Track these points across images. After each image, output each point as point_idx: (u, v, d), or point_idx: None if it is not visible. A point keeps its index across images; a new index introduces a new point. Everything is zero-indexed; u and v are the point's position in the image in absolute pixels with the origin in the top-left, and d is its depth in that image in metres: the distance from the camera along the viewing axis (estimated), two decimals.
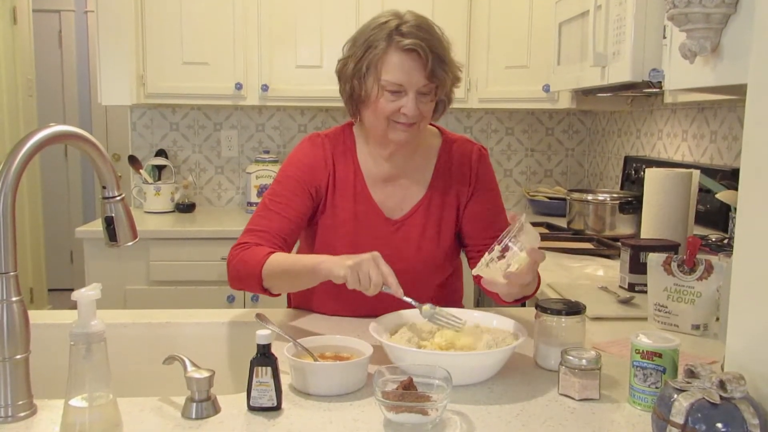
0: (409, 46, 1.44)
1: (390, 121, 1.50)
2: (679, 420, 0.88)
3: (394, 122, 1.50)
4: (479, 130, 3.74)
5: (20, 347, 1.07)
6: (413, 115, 1.48)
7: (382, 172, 1.61)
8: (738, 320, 0.99)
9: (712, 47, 1.17)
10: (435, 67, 1.46)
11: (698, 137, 2.61)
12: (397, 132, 1.51)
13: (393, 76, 1.46)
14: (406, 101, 1.47)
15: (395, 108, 1.48)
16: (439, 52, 1.47)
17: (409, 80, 1.46)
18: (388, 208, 1.61)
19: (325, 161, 1.60)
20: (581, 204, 2.77)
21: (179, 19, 3.18)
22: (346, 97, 1.57)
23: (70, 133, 1.12)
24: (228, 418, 1.06)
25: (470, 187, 1.63)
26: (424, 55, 1.44)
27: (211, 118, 3.63)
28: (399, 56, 1.45)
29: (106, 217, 1.18)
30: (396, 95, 1.47)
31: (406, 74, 1.46)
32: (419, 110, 1.48)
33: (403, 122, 1.49)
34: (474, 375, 1.20)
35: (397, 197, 1.62)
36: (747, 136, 0.97)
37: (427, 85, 1.47)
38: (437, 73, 1.47)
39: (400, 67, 1.46)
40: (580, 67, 2.32)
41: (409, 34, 1.45)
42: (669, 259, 1.54)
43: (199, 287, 2.97)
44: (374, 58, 1.47)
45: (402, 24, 1.47)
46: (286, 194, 1.57)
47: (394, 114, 1.49)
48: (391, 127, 1.51)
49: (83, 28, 5.57)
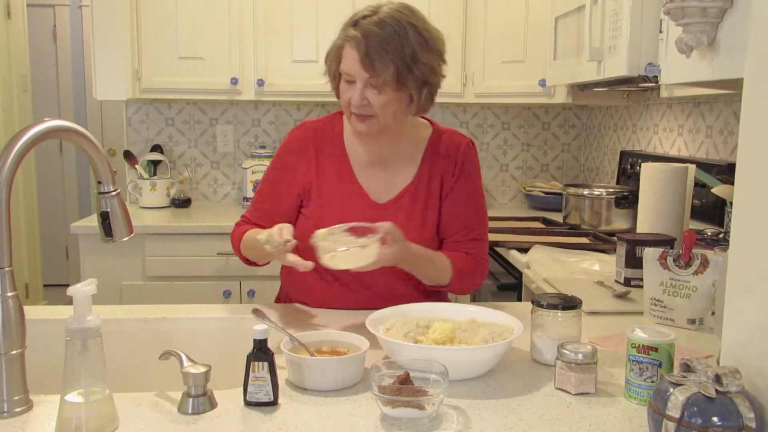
0: (350, 38, 1.50)
1: (350, 113, 1.56)
2: (675, 414, 0.88)
3: (352, 114, 1.56)
4: (475, 125, 3.74)
5: (16, 343, 1.07)
6: (357, 105, 1.52)
7: (368, 156, 1.66)
8: (733, 314, 0.99)
9: (708, 41, 1.17)
10: (372, 58, 1.48)
11: (694, 132, 2.61)
12: (355, 122, 1.57)
13: (344, 66, 1.53)
14: (354, 91, 1.52)
15: (348, 97, 1.54)
16: (383, 45, 1.48)
17: (354, 70, 1.51)
18: (374, 192, 1.65)
19: (310, 148, 1.66)
20: (577, 199, 2.77)
21: (174, 14, 3.16)
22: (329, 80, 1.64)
23: (66, 128, 1.12)
24: (224, 413, 1.06)
25: (454, 177, 1.66)
26: (358, 45, 1.48)
27: (206, 113, 3.63)
28: (347, 47, 1.52)
29: (102, 212, 1.18)
30: (350, 84, 1.54)
31: (352, 65, 1.51)
32: (368, 101, 1.52)
33: (354, 112, 1.55)
34: (470, 369, 1.20)
35: (383, 181, 1.65)
36: (743, 131, 0.97)
37: (374, 78, 1.49)
38: (375, 64, 1.48)
39: (348, 58, 1.52)
40: (576, 62, 2.32)
41: (361, 26, 1.50)
42: (665, 254, 1.54)
43: (195, 282, 2.97)
44: (336, 46, 1.56)
45: (367, 17, 1.51)
46: (275, 186, 1.69)
47: (348, 105, 1.55)
48: (352, 117, 1.57)
49: (78, 22, 5.54)
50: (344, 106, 1.57)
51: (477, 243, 1.66)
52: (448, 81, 3.60)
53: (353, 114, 1.55)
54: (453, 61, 3.29)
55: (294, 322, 1.52)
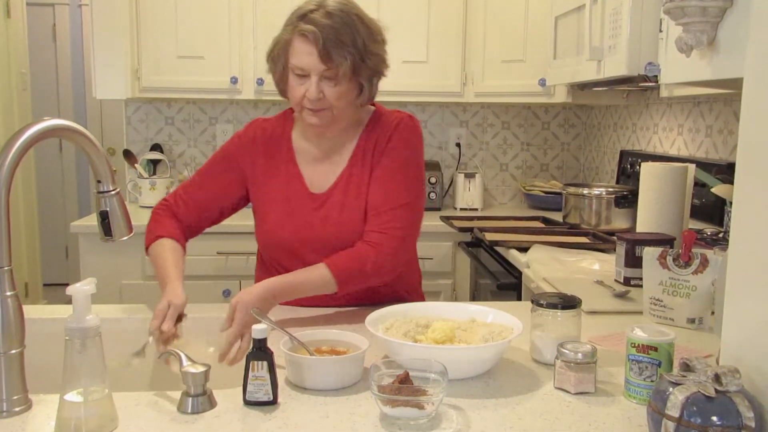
0: (304, 32, 1.49)
1: (302, 106, 1.55)
2: (675, 413, 0.88)
3: (305, 108, 1.55)
4: (475, 124, 3.74)
5: (15, 342, 1.07)
6: (314, 98, 1.51)
7: (314, 151, 1.66)
8: (733, 314, 0.99)
9: (708, 41, 1.17)
10: (329, 51, 1.48)
11: (694, 131, 2.61)
12: (308, 116, 1.56)
13: (296, 60, 1.52)
14: (308, 84, 1.52)
15: (302, 92, 1.53)
16: (338, 37, 1.49)
17: (308, 64, 1.50)
18: (314, 183, 1.65)
19: (254, 146, 1.68)
20: (577, 198, 2.77)
21: (174, 13, 3.16)
22: (274, 78, 1.63)
23: (65, 127, 1.12)
24: (224, 412, 1.06)
25: (380, 152, 1.62)
26: (314, 39, 1.48)
27: (206, 112, 3.62)
28: (299, 41, 1.51)
29: (101, 211, 1.17)
30: (302, 79, 1.52)
31: (306, 58, 1.50)
32: (324, 94, 1.51)
33: (309, 107, 1.54)
34: (470, 369, 1.20)
35: (323, 171, 1.65)
36: (743, 130, 0.97)
37: (329, 70, 1.50)
38: (333, 57, 1.49)
39: (300, 52, 1.51)
40: (576, 61, 2.32)
41: (312, 20, 1.50)
42: (664, 253, 1.54)
43: (195, 281, 2.96)
44: (284, 42, 1.54)
45: (315, 10, 1.51)
46: (212, 174, 1.69)
47: (302, 99, 1.53)
48: (304, 112, 1.56)
49: (78, 21, 5.54)
50: (296, 101, 1.55)
51: (386, 217, 1.56)
52: (448, 80, 3.60)
53: (306, 108, 1.54)
54: (453, 61, 3.32)
55: (293, 321, 1.52)
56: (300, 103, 1.54)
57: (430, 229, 3.04)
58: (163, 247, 1.58)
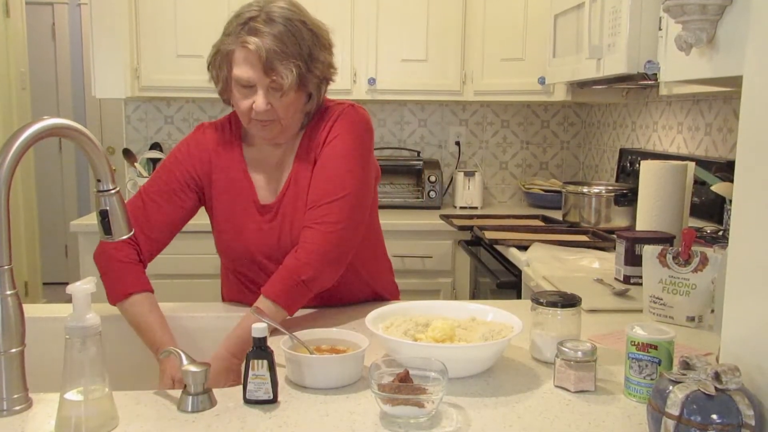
0: (246, 44, 1.41)
1: (249, 118, 1.48)
2: (675, 412, 0.88)
3: (252, 119, 1.48)
4: (474, 123, 3.74)
5: (15, 341, 1.07)
6: (261, 111, 1.44)
7: (262, 158, 1.58)
8: (733, 312, 0.99)
9: (707, 39, 1.17)
10: (273, 63, 1.41)
11: (693, 129, 2.61)
12: (258, 129, 1.50)
13: (240, 72, 1.44)
14: (256, 97, 1.44)
15: (248, 105, 1.45)
16: (281, 48, 1.41)
17: (253, 77, 1.43)
18: (264, 195, 1.56)
19: (206, 152, 1.58)
20: (576, 196, 2.77)
21: (173, 12, 3.16)
22: (217, 88, 1.54)
23: (65, 126, 1.12)
24: (224, 411, 1.06)
25: (322, 143, 1.53)
26: (257, 51, 1.40)
27: (205, 111, 3.62)
28: (241, 53, 1.43)
29: (101, 210, 1.17)
30: (248, 89, 1.45)
31: (250, 70, 1.42)
32: (272, 106, 1.45)
33: (257, 119, 1.47)
34: (470, 367, 1.20)
35: (273, 182, 1.57)
36: (742, 128, 0.97)
37: (275, 81, 1.42)
38: (276, 69, 1.41)
39: (244, 63, 1.43)
40: (575, 60, 2.32)
41: (254, 30, 1.41)
42: (664, 251, 1.54)
43: (195, 280, 2.97)
44: (226, 52, 1.45)
45: (256, 17, 1.43)
46: (165, 190, 1.55)
47: (249, 112, 1.46)
48: (252, 124, 1.49)
49: (77, 20, 5.54)
50: (243, 113, 1.47)
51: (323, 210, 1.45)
52: (448, 79, 3.59)
53: (254, 120, 1.47)
54: (452, 59, 3.32)
55: (293, 320, 1.52)
56: (247, 115, 1.47)
57: (429, 228, 3.05)
58: (142, 307, 1.45)
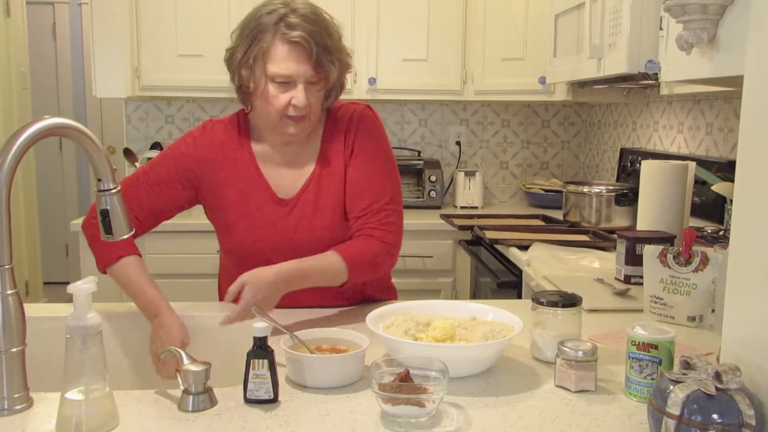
0: (294, 39, 1.44)
1: (282, 116, 1.49)
2: (675, 411, 0.88)
3: (286, 117, 1.49)
4: (475, 123, 3.74)
5: (16, 340, 1.07)
6: (303, 106, 1.47)
7: (277, 155, 1.60)
8: (733, 311, 0.99)
9: (708, 38, 1.17)
10: (320, 57, 1.46)
11: (694, 129, 2.61)
12: (289, 126, 1.51)
13: (280, 68, 1.45)
14: (295, 92, 1.46)
15: (286, 100, 1.47)
16: (325, 42, 1.47)
17: (297, 71, 1.45)
18: (282, 190, 1.59)
19: (210, 149, 1.59)
20: (577, 196, 2.77)
21: (174, 11, 3.16)
22: (236, 87, 1.56)
23: (65, 126, 1.12)
24: (224, 410, 1.06)
25: (350, 149, 1.59)
26: (308, 46, 1.44)
27: (206, 111, 3.62)
28: (285, 48, 1.45)
29: (102, 209, 1.17)
30: (284, 86, 1.47)
31: (293, 66, 1.45)
32: (309, 101, 1.48)
33: (293, 115, 1.48)
34: (470, 367, 1.20)
35: (291, 177, 1.59)
36: (743, 128, 0.97)
37: (315, 76, 1.47)
38: (323, 63, 1.46)
39: (287, 59, 1.45)
40: (576, 59, 2.32)
41: (296, 25, 1.44)
42: (665, 251, 1.54)
43: (195, 280, 2.97)
44: (261, 49, 1.46)
45: (289, 14, 1.46)
46: (161, 177, 1.57)
47: (285, 108, 1.48)
48: (283, 121, 1.50)
49: (77, 20, 5.54)
50: (278, 109, 1.48)
51: (382, 215, 1.55)
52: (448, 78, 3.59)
53: (287, 117, 1.49)
54: (453, 59, 3.32)
55: (294, 319, 1.52)
56: (282, 112, 1.48)
57: (430, 228, 3.04)
58: (132, 268, 1.49)
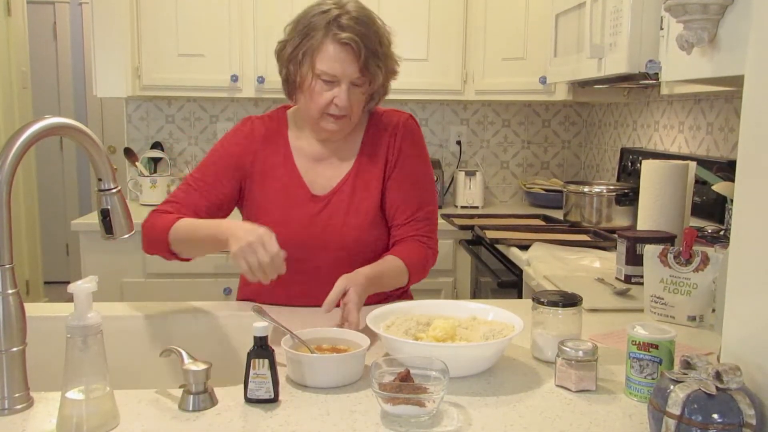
0: (344, 40, 1.47)
1: (323, 113, 1.54)
2: (676, 411, 0.88)
3: (326, 114, 1.54)
4: (476, 122, 3.74)
5: (16, 340, 1.07)
6: (344, 105, 1.51)
7: (314, 152, 1.65)
8: (734, 311, 0.99)
9: (709, 38, 1.17)
10: (368, 61, 1.50)
11: (694, 129, 2.61)
12: (329, 123, 1.55)
13: (327, 67, 1.50)
14: (338, 92, 1.51)
15: (329, 98, 1.52)
16: (374, 47, 1.51)
17: (343, 72, 1.50)
18: (317, 186, 1.63)
19: (253, 143, 1.64)
20: (578, 196, 2.77)
21: (174, 11, 3.16)
22: (283, 79, 1.61)
23: (66, 125, 1.12)
24: (225, 410, 1.06)
25: (394, 156, 1.64)
26: (357, 49, 1.48)
27: (207, 110, 3.62)
28: (334, 48, 1.49)
29: (102, 209, 1.18)
30: (329, 85, 1.52)
31: (340, 66, 1.49)
32: (350, 101, 1.52)
33: (334, 113, 1.53)
34: (471, 366, 1.20)
35: (326, 174, 1.64)
36: (744, 128, 0.97)
37: (360, 78, 1.51)
38: (370, 67, 1.51)
39: (335, 59, 1.49)
40: (576, 59, 2.32)
41: (347, 27, 1.48)
42: (665, 251, 1.54)
43: (196, 280, 2.97)
44: (311, 46, 1.51)
45: (342, 15, 1.49)
46: (210, 176, 1.62)
47: (327, 106, 1.52)
48: (324, 118, 1.55)
49: (78, 19, 5.54)
50: (320, 106, 1.53)
51: (425, 223, 1.64)
52: (449, 78, 3.59)
53: (327, 114, 1.54)
54: (453, 58, 3.32)
55: (294, 319, 1.52)
56: (323, 109, 1.53)
57: None
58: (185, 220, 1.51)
